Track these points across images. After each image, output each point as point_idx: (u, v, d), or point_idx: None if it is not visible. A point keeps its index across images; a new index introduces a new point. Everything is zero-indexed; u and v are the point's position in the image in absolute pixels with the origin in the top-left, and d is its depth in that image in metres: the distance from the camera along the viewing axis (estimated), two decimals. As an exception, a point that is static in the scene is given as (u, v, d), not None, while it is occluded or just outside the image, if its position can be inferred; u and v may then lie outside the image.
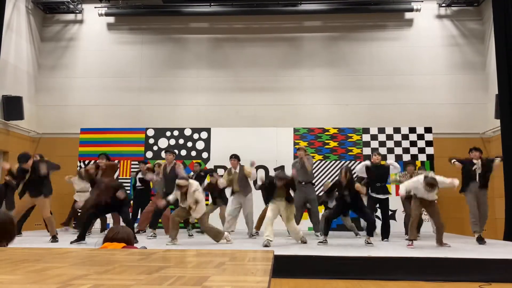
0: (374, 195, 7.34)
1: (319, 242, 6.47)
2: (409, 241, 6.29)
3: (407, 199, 7.41)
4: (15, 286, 0.82)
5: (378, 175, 7.34)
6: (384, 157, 10.02)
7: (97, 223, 8.77)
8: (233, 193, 7.68)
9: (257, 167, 9.92)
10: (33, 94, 11.11)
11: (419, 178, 6.35)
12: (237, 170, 7.65)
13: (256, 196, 7.60)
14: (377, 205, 7.45)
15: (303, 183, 7.71)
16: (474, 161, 7.22)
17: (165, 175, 7.48)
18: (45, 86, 11.32)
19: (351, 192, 6.49)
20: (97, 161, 8.05)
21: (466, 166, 7.20)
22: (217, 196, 8.03)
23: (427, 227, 8.79)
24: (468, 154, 7.37)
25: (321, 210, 8.33)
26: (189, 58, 11.33)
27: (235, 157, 7.73)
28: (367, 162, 7.53)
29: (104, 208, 6.57)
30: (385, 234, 7.25)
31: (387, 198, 7.40)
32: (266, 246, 5.97)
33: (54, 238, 6.61)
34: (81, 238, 6.30)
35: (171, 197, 6.55)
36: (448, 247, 6.14)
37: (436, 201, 6.67)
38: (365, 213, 6.61)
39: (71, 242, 6.20)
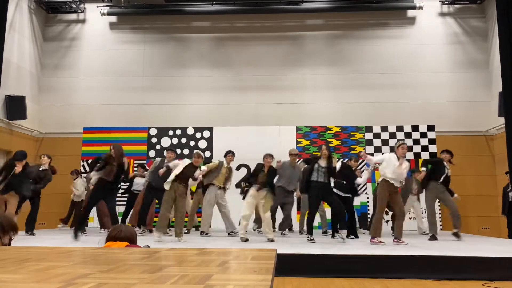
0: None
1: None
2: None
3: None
4: (19, 285, 0.82)
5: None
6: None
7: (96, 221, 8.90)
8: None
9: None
10: (36, 93, 11.14)
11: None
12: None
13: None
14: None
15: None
16: (445, 163, 7.33)
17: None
18: (48, 85, 11.35)
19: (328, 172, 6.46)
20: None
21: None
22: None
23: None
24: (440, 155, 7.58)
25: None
26: (191, 57, 11.33)
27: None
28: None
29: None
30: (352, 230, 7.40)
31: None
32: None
33: None
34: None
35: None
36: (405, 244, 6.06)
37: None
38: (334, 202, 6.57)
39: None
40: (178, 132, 10.42)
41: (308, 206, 6.67)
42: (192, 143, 10.30)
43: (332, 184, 6.94)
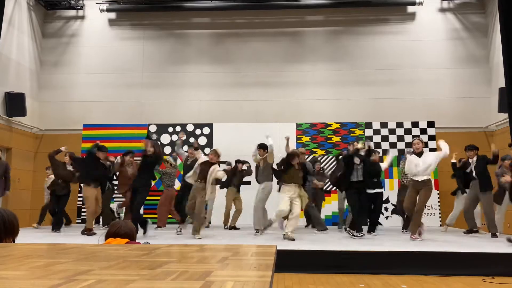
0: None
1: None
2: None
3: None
4: (20, 282, 0.82)
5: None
6: (386, 152, 10.01)
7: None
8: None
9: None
10: (35, 90, 11.12)
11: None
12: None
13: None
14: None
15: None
16: (470, 160, 7.33)
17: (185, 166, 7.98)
18: (47, 82, 11.33)
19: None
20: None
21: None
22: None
23: (433, 221, 8.77)
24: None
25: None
26: (191, 53, 11.31)
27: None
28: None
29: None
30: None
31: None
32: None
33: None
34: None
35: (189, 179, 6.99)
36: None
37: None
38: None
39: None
40: (178, 128, 10.41)
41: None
42: (191, 139, 10.29)
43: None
